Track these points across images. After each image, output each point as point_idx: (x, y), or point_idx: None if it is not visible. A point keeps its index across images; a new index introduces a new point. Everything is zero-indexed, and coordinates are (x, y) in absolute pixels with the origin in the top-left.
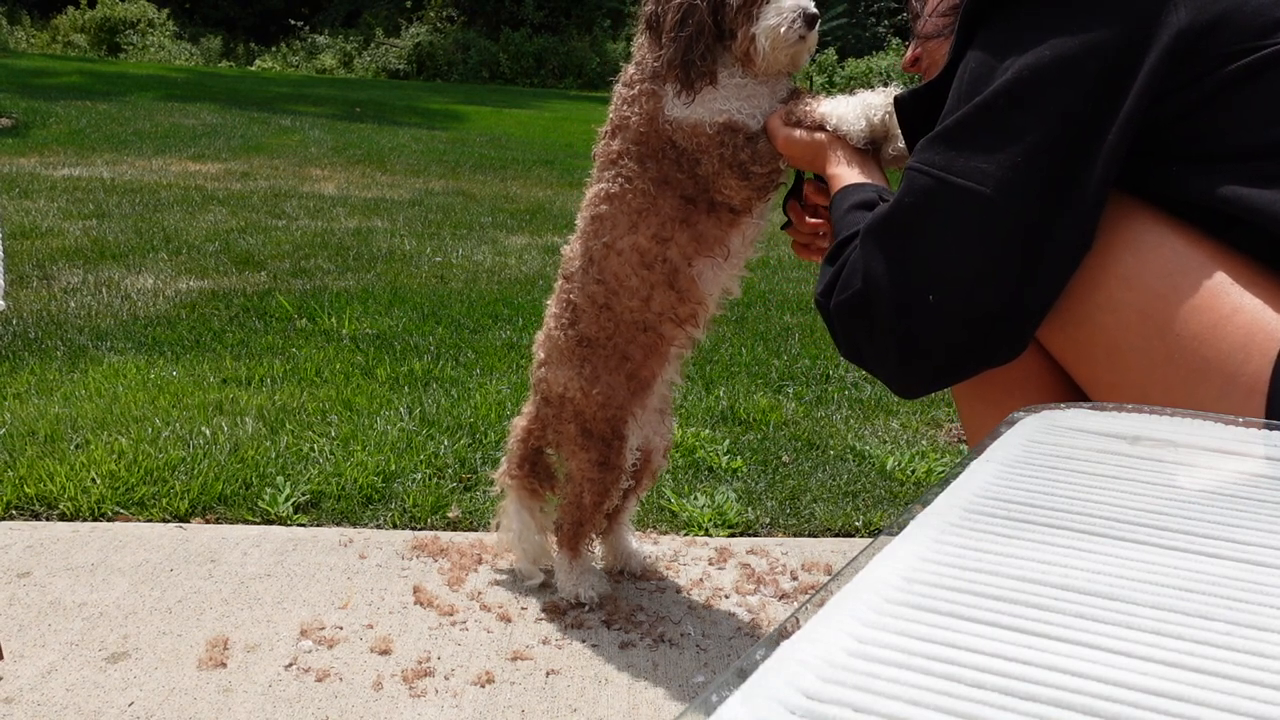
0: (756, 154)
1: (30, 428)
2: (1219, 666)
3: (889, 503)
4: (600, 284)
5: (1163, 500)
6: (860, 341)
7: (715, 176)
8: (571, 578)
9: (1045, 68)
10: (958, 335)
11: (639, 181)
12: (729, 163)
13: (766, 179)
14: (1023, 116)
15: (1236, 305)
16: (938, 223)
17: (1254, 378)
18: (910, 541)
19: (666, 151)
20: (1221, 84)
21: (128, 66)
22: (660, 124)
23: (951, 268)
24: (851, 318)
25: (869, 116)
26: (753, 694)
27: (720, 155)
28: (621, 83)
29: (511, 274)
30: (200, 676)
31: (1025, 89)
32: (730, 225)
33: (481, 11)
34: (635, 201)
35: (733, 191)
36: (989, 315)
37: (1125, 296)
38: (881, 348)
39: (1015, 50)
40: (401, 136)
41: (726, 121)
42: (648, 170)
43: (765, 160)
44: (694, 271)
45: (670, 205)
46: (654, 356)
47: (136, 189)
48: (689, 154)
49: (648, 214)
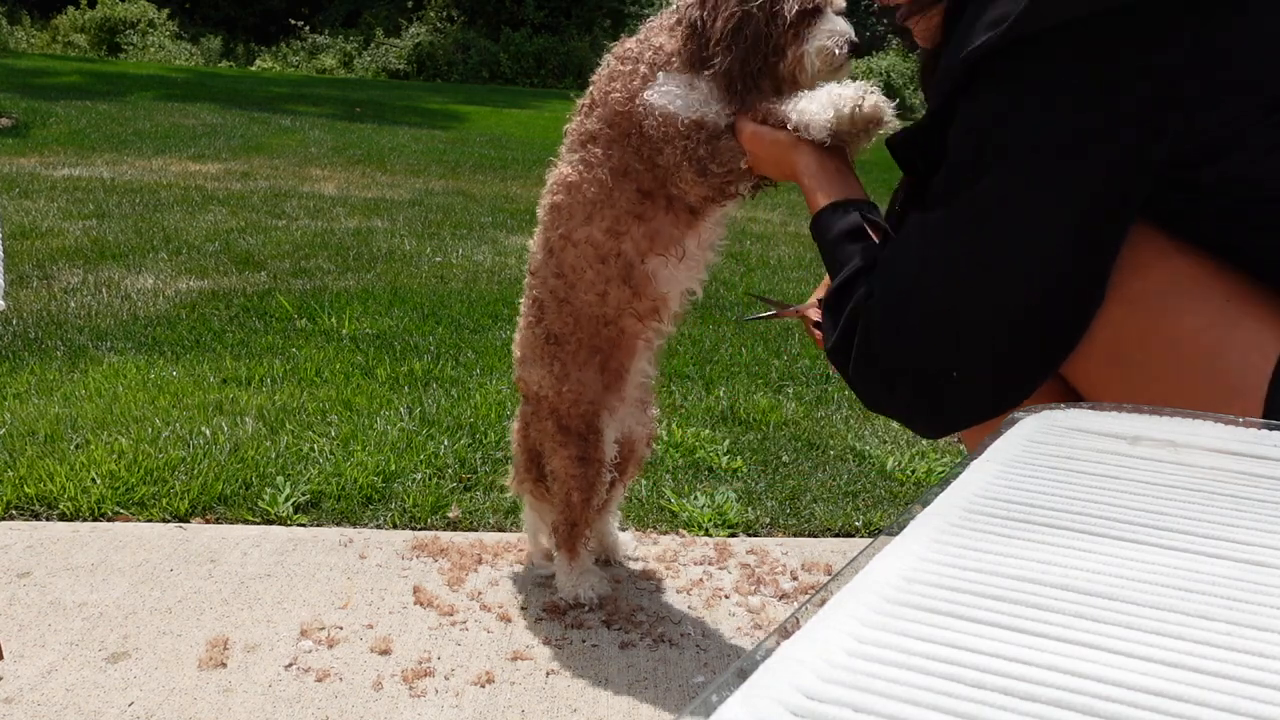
0: (717, 150)
1: (30, 428)
2: (1219, 666)
3: (889, 503)
4: (559, 278)
5: (1163, 500)
6: (882, 401)
7: (674, 168)
8: (571, 578)
9: (1069, 141)
10: (984, 410)
11: (598, 170)
12: (689, 156)
13: (723, 180)
14: (1047, 192)
15: (1235, 320)
16: (957, 303)
17: (1253, 392)
18: (910, 541)
19: (633, 137)
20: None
21: (128, 66)
22: (637, 105)
23: (976, 353)
24: (871, 384)
25: (837, 107)
26: (753, 694)
27: (684, 148)
28: (615, 55)
29: (511, 274)
30: (200, 676)
31: (1045, 163)
32: (687, 226)
33: (482, 11)
34: (591, 192)
35: (688, 186)
36: (1014, 386)
37: (1125, 312)
38: (904, 411)
39: (1030, 115)
40: (401, 136)
41: (699, 119)
42: (610, 158)
43: (724, 159)
44: (648, 269)
45: (626, 199)
46: (620, 350)
47: (136, 189)
48: (653, 142)
49: (603, 206)
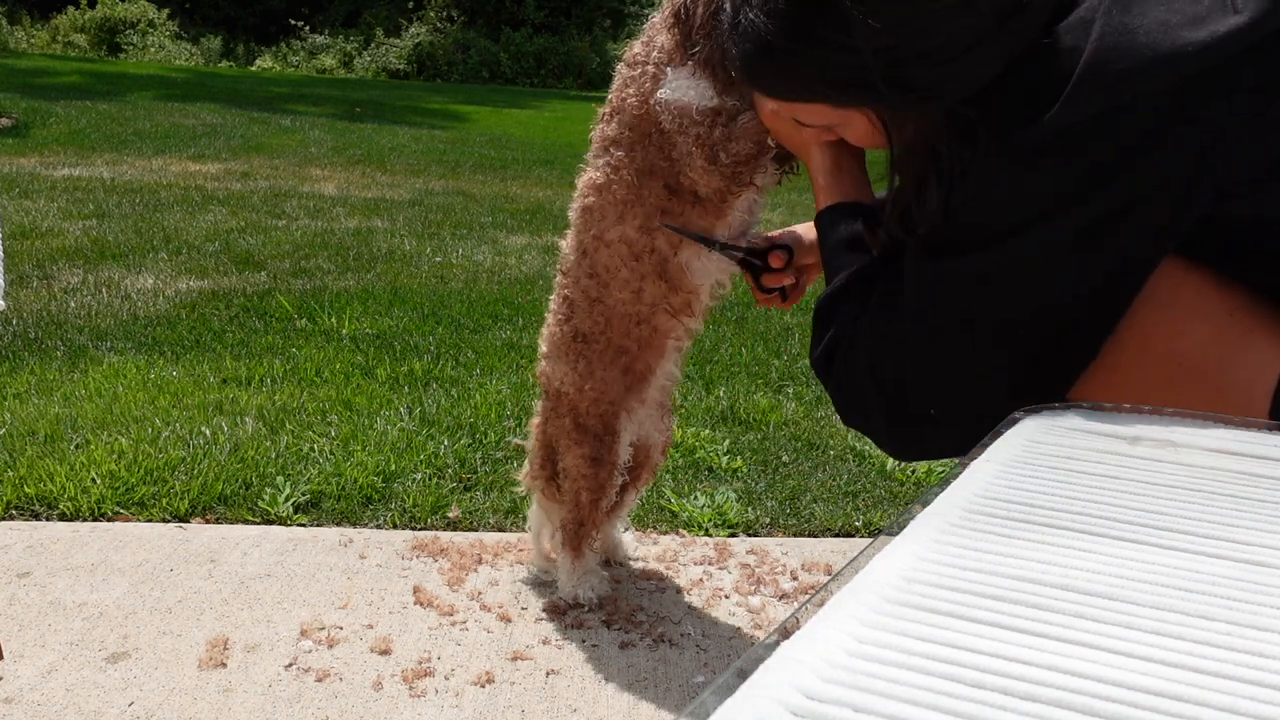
0: (732, 134)
1: (30, 428)
2: (1219, 666)
3: (889, 503)
4: (593, 278)
5: (1163, 500)
6: (857, 424)
7: (685, 158)
8: (573, 578)
9: (1096, 224)
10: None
11: (625, 172)
12: (701, 143)
13: (733, 169)
14: (1065, 269)
15: (1238, 336)
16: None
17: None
18: (910, 541)
19: (653, 136)
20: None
21: (128, 66)
22: (652, 105)
23: (963, 406)
24: (848, 409)
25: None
26: (753, 694)
27: (696, 135)
28: (625, 61)
29: (511, 274)
30: (200, 676)
31: (1070, 240)
32: (716, 216)
33: (482, 11)
34: (620, 193)
35: (698, 175)
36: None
37: (1125, 326)
38: (877, 437)
39: (1038, 193)
40: (401, 136)
41: (714, 106)
42: (634, 159)
43: (739, 144)
44: (682, 260)
45: (655, 195)
46: (650, 349)
47: (136, 189)
48: (671, 137)
49: (633, 205)
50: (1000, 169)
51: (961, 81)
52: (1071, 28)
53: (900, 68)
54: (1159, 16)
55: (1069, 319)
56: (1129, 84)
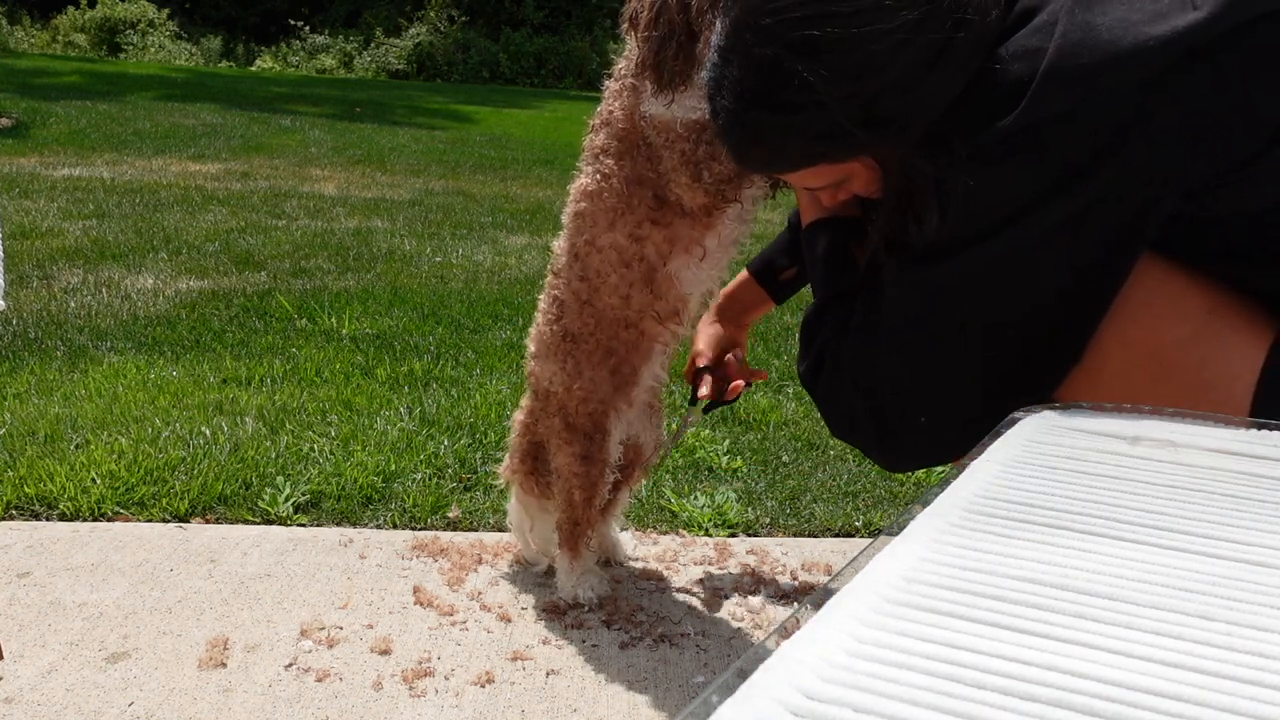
0: (717, 151)
1: (30, 428)
2: (1219, 666)
3: (889, 503)
4: (583, 281)
5: (1163, 500)
6: (845, 436)
7: (671, 172)
8: (571, 578)
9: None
10: (945, 457)
11: (614, 180)
12: (686, 160)
13: (717, 187)
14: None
15: (1218, 332)
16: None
17: (1237, 404)
18: (910, 541)
19: (641, 148)
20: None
21: (128, 66)
22: (637, 119)
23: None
24: (836, 420)
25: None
26: (753, 694)
27: (681, 151)
28: (611, 76)
29: (511, 274)
30: (200, 676)
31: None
32: (705, 226)
33: (482, 11)
34: (611, 200)
35: (683, 190)
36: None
37: (1105, 324)
38: (865, 449)
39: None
40: (401, 136)
41: (699, 120)
42: (624, 168)
43: (723, 161)
44: (670, 270)
45: (644, 205)
46: (636, 353)
47: (136, 189)
48: (657, 149)
49: (624, 212)
50: (972, 171)
51: (932, 101)
52: (1036, 30)
53: (871, 106)
54: (1120, 14)
55: (1055, 319)
56: (1092, 79)
